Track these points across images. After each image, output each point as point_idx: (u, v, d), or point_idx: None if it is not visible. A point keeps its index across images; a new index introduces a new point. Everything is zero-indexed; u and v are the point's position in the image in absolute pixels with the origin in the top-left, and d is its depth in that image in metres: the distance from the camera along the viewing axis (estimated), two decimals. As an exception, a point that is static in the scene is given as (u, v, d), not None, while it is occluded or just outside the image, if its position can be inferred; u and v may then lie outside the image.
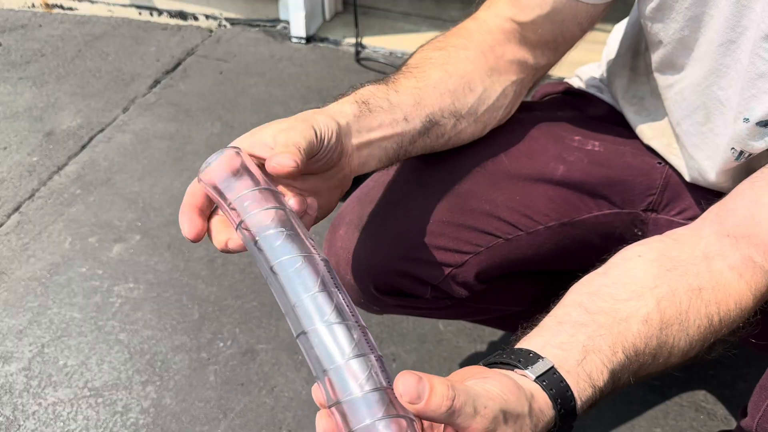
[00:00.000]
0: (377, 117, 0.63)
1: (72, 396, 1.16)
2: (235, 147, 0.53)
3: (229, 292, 1.35)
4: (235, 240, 0.51)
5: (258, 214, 0.48)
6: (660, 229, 0.79)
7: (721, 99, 0.67)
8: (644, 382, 0.91)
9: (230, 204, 0.50)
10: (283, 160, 0.49)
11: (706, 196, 0.75)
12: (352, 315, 0.45)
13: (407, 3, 2.38)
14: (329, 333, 0.43)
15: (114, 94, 1.95)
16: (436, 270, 0.74)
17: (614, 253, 0.61)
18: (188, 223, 0.52)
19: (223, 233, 0.52)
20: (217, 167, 0.51)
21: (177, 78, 2.02)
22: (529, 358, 0.49)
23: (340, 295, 0.46)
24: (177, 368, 1.20)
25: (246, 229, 0.49)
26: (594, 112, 0.87)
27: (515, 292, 0.87)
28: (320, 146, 0.54)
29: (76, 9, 2.37)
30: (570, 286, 0.60)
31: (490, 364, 0.50)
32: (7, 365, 1.21)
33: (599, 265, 0.60)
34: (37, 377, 1.19)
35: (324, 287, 0.45)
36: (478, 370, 0.47)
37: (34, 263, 1.41)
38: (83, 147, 1.74)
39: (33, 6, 2.38)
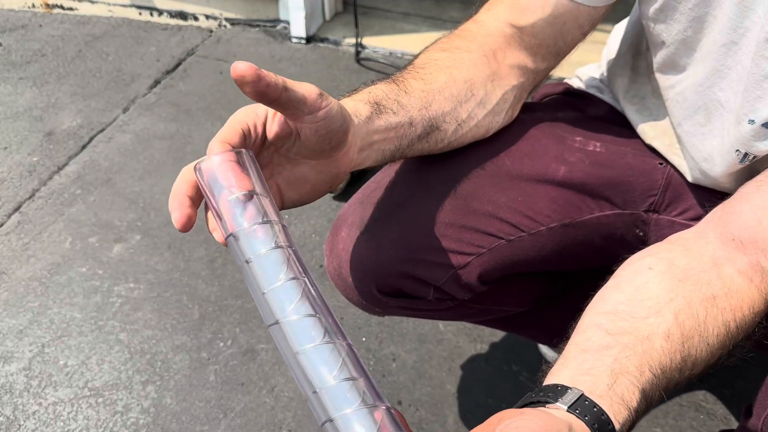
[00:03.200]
0: (385, 119, 0.63)
1: (72, 396, 1.16)
2: (243, 150, 0.52)
3: (229, 292, 1.35)
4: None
5: (239, 217, 0.49)
6: (662, 229, 0.79)
7: (721, 100, 0.67)
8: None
9: (217, 208, 0.50)
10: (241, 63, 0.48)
11: (709, 196, 0.75)
12: (323, 305, 0.46)
13: (407, 3, 2.38)
14: (300, 325, 0.44)
15: (114, 94, 1.95)
16: (439, 271, 0.74)
17: (621, 262, 0.61)
18: (179, 212, 0.51)
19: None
20: (218, 163, 0.51)
21: (177, 78, 2.02)
22: (558, 391, 0.49)
23: (309, 285, 0.47)
24: (177, 368, 1.20)
25: (232, 236, 0.49)
26: (594, 113, 0.87)
27: (517, 293, 0.87)
28: (317, 108, 0.52)
29: (77, 9, 2.37)
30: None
31: (522, 407, 0.49)
32: (7, 365, 1.21)
33: (608, 278, 0.60)
34: (37, 377, 1.19)
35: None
36: (511, 411, 0.46)
37: (34, 263, 1.40)
38: (83, 147, 1.74)
39: (33, 6, 2.38)
